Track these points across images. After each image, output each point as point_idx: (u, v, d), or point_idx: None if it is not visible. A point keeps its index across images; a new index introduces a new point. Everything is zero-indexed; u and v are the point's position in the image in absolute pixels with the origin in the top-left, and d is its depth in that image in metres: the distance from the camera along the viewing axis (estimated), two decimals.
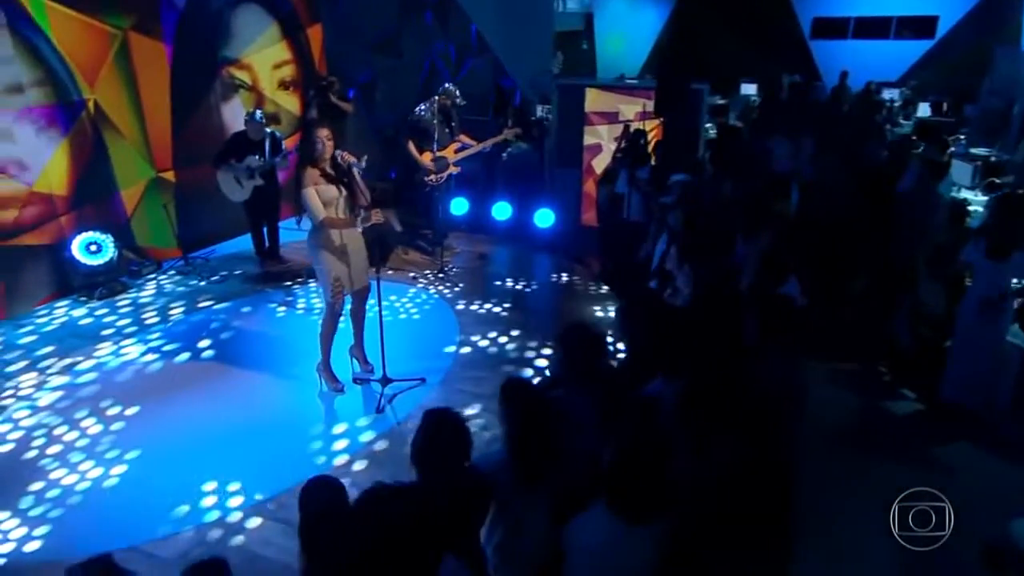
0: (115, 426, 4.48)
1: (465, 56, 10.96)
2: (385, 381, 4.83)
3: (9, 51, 5.61)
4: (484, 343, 5.55)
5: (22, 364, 5.20)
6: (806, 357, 4.94)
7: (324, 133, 4.40)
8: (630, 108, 7.66)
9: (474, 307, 6.19)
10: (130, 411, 4.64)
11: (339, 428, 4.44)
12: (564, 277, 6.92)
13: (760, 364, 3.03)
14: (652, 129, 7.23)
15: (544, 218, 7.59)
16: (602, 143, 7.73)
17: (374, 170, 9.25)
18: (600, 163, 7.54)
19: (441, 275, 6.82)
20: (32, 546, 3.59)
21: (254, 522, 3.65)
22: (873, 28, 13.25)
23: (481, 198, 8.14)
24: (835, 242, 5.38)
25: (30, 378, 5.03)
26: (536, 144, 8.76)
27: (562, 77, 9.24)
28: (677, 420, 2.65)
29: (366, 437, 4.36)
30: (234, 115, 7.45)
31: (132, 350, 5.44)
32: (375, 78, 9.58)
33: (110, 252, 6.23)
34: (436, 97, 6.80)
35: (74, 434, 4.41)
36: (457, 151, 7.00)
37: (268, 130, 6.53)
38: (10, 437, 4.39)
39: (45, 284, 6.13)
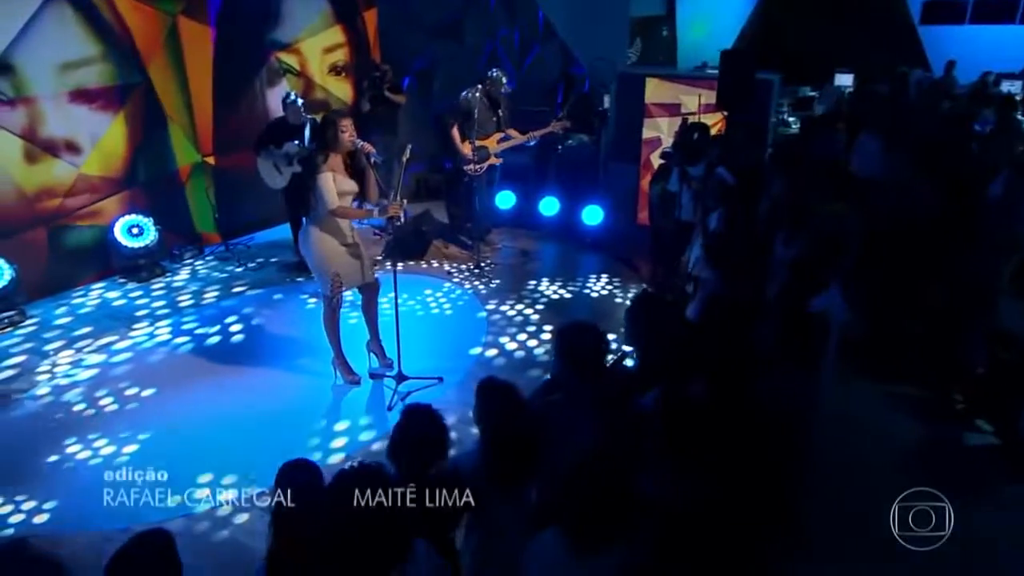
0: (129, 407, 4.78)
1: (531, 43, 10.98)
2: (400, 378, 4.91)
3: (67, 31, 6.05)
4: (512, 346, 5.55)
5: (58, 344, 5.59)
6: (865, 378, 4.73)
7: (345, 122, 4.51)
8: (693, 99, 7.47)
9: (505, 307, 6.19)
10: (146, 392, 4.93)
11: (342, 425, 4.54)
12: (608, 279, 6.82)
13: (765, 379, 2.89)
14: (716, 123, 7.03)
15: (592, 215, 7.50)
16: (662, 137, 7.57)
17: (429, 161, 9.43)
18: (658, 158, 7.38)
19: (477, 271, 6.87)
20: (40, 518, 3.86)
21: (244, 513, 3.79)
22: (996, 11, 12.36)
23: (531, 192, 8.14)
24: (906, 250, 5.06)
25: (65, 357, 5.41)
26: (597, 137, 8.67)
27: (627, 66, 9.10)
28: (654, 435, 2.57)
29: (369, 435, 4.45)
30: (280, 101, 7.72)
31: (161, 333, 5.78)
32: (433, 65, 9.73)
33: (151, 235, 6.62)
34: (480, 84, 6.85)
35: (91, 411, 4.73)
36: (500, 141, 7.03)
37: (308, 116, 6.75)
38: (31, 412, 4.74)
39: (87, 265, 6.59)
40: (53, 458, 4.29)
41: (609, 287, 6.63)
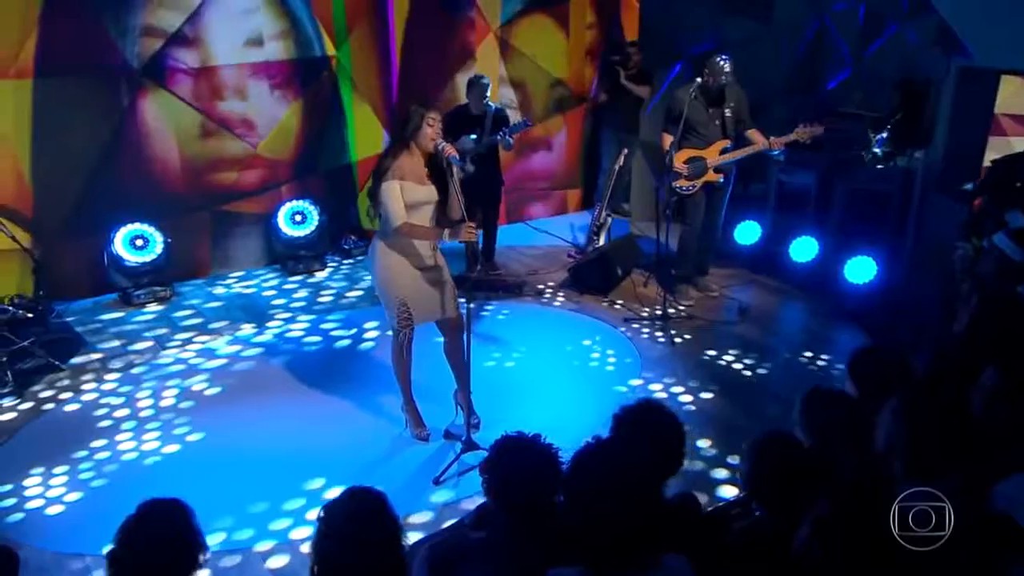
0: (184, 404, 5.21)
1: (885, 19, 9.48)
2: (468, 445, 4.57)
3: (254, 1, 6.81)
4: None
5: (169, 330, 6.29)
6: None
7: (430, 115, 4.38)
8: None
9: (659, 384, 5.41)
10: (211, 391, 5.36)
11: (336, 492, 4.33)
12: (830, 361, 5.68)
13: None
14: None
15: (859, 271, 6.21)
16: None
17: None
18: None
19: (661, 323, 6.11)
20: (54, 510, 4.30)
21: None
22: None
23: (799, 227, 7.08)
24: None
25: (175, 343, 6.09)
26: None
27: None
28: None
29: None
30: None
31: (274, 333, 6.24)
32: (722, 48, 8.99)
33: (314, 224, 7.20)
34: (699, 78, 6.14)
35: (148, 402, 5.26)
36: (722, 152, 6.20)
37: (493, 105, 6.67)
38: (86, 398, 5.35)
39: (251, 251, 7.36)
40: (99, 443, 4.84)
41: (817, 367, 5.51)
